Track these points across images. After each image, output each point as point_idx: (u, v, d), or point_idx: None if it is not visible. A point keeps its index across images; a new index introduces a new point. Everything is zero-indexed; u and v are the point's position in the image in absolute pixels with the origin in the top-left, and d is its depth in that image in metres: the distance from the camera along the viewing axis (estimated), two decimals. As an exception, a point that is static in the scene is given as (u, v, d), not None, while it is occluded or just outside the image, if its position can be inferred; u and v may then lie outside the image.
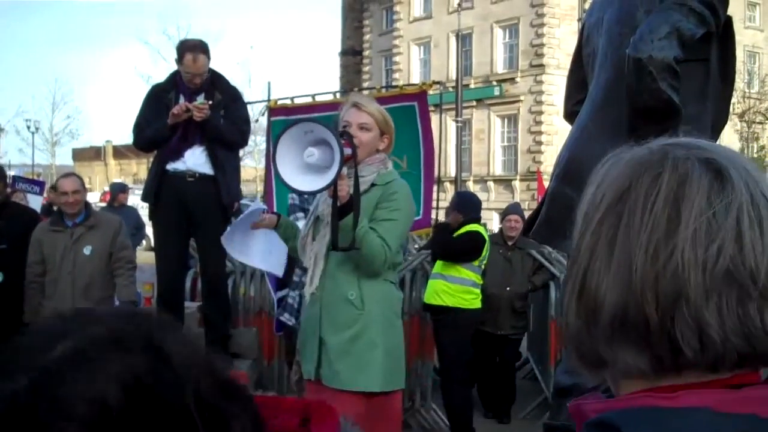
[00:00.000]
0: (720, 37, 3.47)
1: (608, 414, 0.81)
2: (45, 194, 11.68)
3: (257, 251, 3.81)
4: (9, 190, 9.41)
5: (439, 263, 6.28)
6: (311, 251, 3.42)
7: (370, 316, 3.33)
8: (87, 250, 5.52)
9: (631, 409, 0.80)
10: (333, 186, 3.13)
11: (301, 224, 3.70)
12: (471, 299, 6.19)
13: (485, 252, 6.29)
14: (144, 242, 12.67)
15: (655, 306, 0.79)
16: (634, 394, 0.83)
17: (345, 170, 3.24)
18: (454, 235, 6.29)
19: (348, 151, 3.19)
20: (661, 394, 0.80)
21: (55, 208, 9.33)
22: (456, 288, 6.13)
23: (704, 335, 0.79)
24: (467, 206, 6.57)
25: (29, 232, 5.65)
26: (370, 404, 3.33)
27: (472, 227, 6.30)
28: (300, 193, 3.22)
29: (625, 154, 0.92)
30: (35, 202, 10.09)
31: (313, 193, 3.29)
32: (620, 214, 0.84)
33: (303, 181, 3.14)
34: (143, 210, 6.45)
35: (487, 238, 6.36)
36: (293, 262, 4.35)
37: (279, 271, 4.10)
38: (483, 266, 6.37)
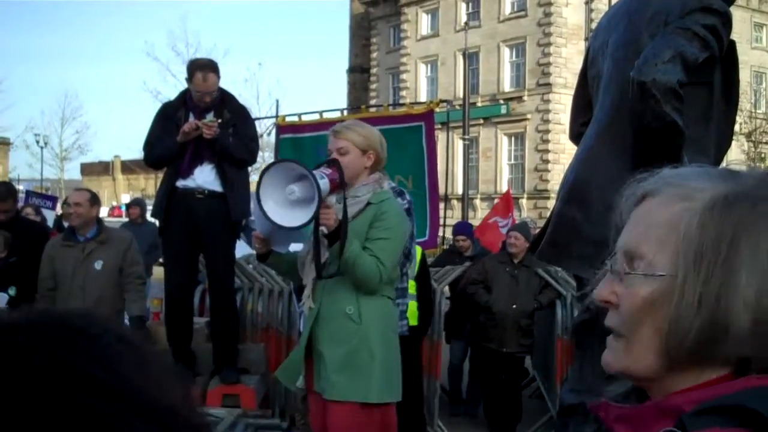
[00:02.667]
0: (723, 60, 3.52)
1: (727, 397, 0.83)
2: (58, 209, 11.78)
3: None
4: (20, 205, 9.50)
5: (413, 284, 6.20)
6: (311, 269, 3.54)
7: (367, 330, 3.44)
8: (98, 265, 5.58)
9: (751, 390, 0.82)
10: (315, 220, 3.28)
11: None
12: None
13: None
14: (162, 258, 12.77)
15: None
16: (735, 380, 0.86)
17: (333, 199, 3.42)
18: None
19: (333, 177, 3.33)
20: (759, 376, 0.84)
21: (66, 223, 9.41)
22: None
23: None
24: None
25: (39, 246, 5.72)
26: (366, 415, 3.42)
27: None
28: (284, 229, 3.35)
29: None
30: (48, 217, 10.19)
31: (296, 228, 3.38)
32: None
33: (286, 217, 3.26)
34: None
35: None
36: None
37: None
38: None
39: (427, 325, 6.27)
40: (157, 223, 6.11)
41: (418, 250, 6.27)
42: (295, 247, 3.88)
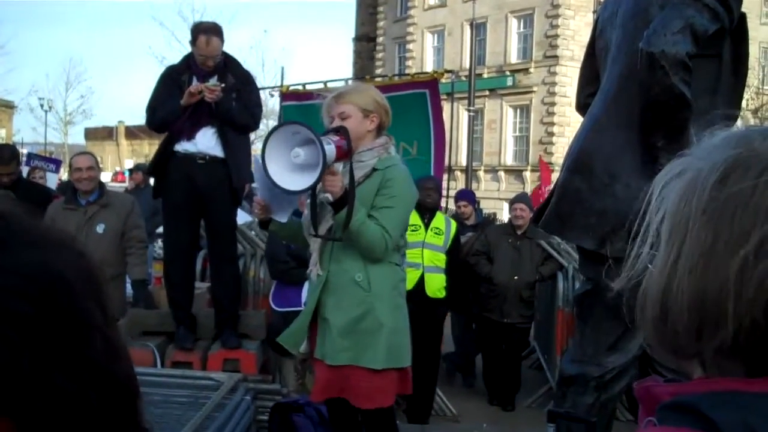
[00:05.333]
0: (733, 33, 3.48)
1: (689, 396, 0.79)
2: (60, 172, 11.77)
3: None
4: (28, 167, 9.49)
5: (444, 258, 6.26)
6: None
7: (376, 297, 3.43)
8: (100, 229, 5.59)
9: (713, 393, 0.78)
10: (316, 184, 3.24)
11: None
12: None
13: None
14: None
15: None
16: (713, 378, 0.81)
17: (340, 166, 3.36)
18: None
19: (341, 144, 3.29)
20: (740, 379, 0.79)
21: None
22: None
23: None
24: None
25: (42, 208, 5.72)
26: (376, 380, 3.42)
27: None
28: (286, 192, 3.29)
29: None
30: (51, 181, 10.18)
31: (298, 193, 3.35)
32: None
33: (290, 180, 3.20)
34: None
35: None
36: None
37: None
38: None
39: (456, 299, 6.32)
40: None
41: (453, 225, 6.35)
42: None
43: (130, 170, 11.70)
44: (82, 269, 0.73)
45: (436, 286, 6.16)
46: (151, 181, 11.77)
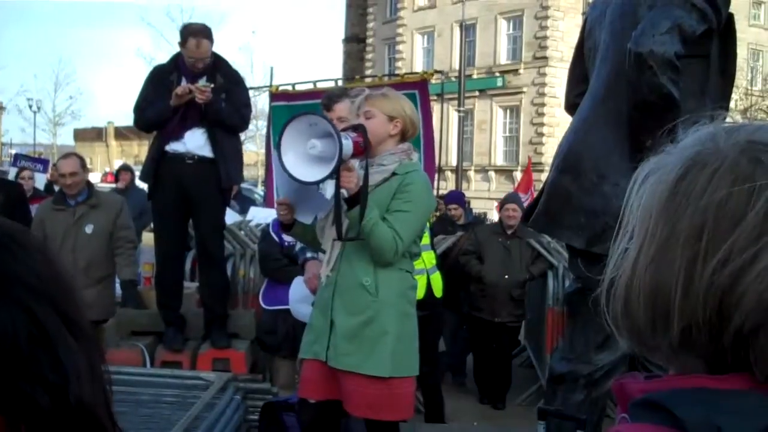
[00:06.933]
0: (721, 34, 3.50)
1: (656, 394, 0.80)
2: (49, 172, 11.74)
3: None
4: (16, 168, 9.46)
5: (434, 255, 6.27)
6: (330, 233, 3.43)
7: (383, 303, 3.34)
8: (89, 229, 5.56)
9: (680, 390, 0.79)
10: (335, 178, 3.18)
11: None
12: None
13: None
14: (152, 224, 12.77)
15: (734, 329, 0.77)
16: (682, 374, 0.82)
17: (357, 162, 3.30)
18: None
19: (359, 141, 3.22)
20: (707, 375, 0.79)
21: (56, 187, 9.39)
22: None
23: None
24: None
25: (14, 203, 5.75)
26: (380, 387, 3.34)
27: None
28: (300, 183, 3.23)
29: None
30: (39, 181, 10.15)
31: (311, 184, 3.28)
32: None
33: (305, 172, 3.16)
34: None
35: None
36: None
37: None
38: None
39: (447, 297, 6.30)
40: (145, 188, 6.08)
41: None
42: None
43: (118, 171, 11.70)
44: (68, 281, 0.85)
45: (439, 284, 6.17)
46: (137, 181, 11.80)
